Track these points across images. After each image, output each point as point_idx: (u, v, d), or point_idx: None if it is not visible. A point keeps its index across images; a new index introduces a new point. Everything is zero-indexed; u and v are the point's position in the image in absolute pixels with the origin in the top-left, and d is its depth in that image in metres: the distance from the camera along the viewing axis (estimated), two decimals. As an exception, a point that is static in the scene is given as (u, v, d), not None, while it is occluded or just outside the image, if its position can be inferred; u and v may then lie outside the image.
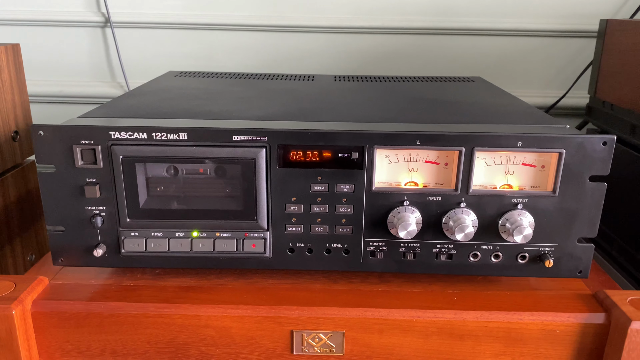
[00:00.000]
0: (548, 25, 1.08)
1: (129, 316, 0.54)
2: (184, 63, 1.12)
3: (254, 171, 0.53)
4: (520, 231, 0.52)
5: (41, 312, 0.53)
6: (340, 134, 0.52)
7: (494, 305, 0.54)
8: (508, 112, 0.64)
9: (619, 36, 0.86)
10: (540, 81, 1.13)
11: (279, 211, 0.55)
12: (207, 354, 0.55)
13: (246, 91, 0.74)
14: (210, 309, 0.53)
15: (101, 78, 1.14)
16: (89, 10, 1.09)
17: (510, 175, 0.53)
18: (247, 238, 0.55)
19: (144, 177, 0.54)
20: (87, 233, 0.55)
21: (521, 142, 0.51)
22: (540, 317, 0.53)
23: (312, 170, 0.53)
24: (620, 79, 0.85)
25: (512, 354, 0.54)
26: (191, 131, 0.52)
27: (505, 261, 0.55)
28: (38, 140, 0.52)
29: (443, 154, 0.53)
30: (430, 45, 1.10)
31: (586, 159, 0.52)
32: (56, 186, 0.54)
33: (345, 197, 0.54)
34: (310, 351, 0.54)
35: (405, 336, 0.53)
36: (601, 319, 0.52)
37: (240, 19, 1.09)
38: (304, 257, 0.56)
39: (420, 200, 0.54)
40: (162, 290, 0.56)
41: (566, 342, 0.53)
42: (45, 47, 1.12)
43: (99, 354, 0.55)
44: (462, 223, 0.53)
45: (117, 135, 0.52)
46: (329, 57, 1.12)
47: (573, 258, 0.55)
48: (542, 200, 0.53)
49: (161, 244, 0.55)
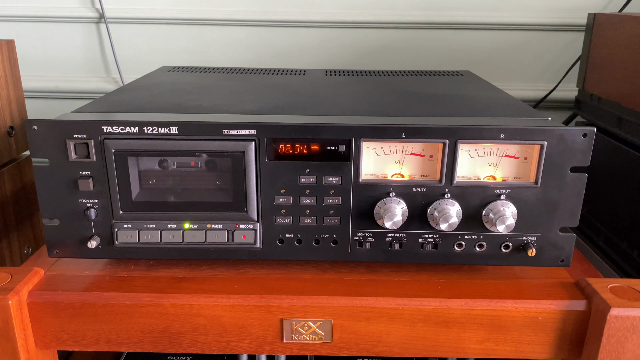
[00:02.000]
0: (538, 19, 1.09)
1: (123, 306, 0.55)
2: (178, 58, 1.13)
3: (244, 164, 0.54)
4: (503, 221, 0.53)
5: (37, 302, 0.54)
6: (328, 128, 0.53)
7: (478, 293, 0.55)
8: (493, 105, 0.65)
9: (606, 30, 0.87)
10: (530, 74, 1.14)
11: (269, 203, 0.56)
12: (199, 342, 0.56)
13: (237, 86, 0.75)
14: (202, 299, 0.55)
15: (96, 73, 1.15)
16: (83, 6, 1.10)
17: (494, 167, 0.54)
18: (238, 229, 0.57)
19: (136, 171, 0.55)
20: (81, 225, 0.56)
21: (504, 135, 0.53)
22: (523, 305, 0.54)
23: (300, 163, 0.54)
24: (607, 73, 0.86)
25: (496, 341, 0.55)
26: (182, 125, 0.53)
27: (489, 250, 0.57)
28: (32, 135, 0.53)
29: (428, 147, 0.54)
30: (421, 39, 1.11)
31: (567, 150, 0.53)
32: (50, 180, 0.54)
33: (333, 189, 0.55)
34: (299, 339, 0.56)
35: (392, 324, 0.55)
36: (582, 306, 0.54)
37: (233, 14, 1.10)
38: (293, 247, 0.57)
39: (406, 192, 0.55)
40: (155, 280, 0.57)
41: (548, 328, 0.54)
42: (40, 43, 1.13)
43: (93, 342, 0.56)
44: (447, 213, 0.54)
45: (109, 130, 0.53)
46: (321, 52, 1.12)
47: (555, 247, 0.56)
48: (525, 191, 0.54)
49: (154, 236, 0.56)
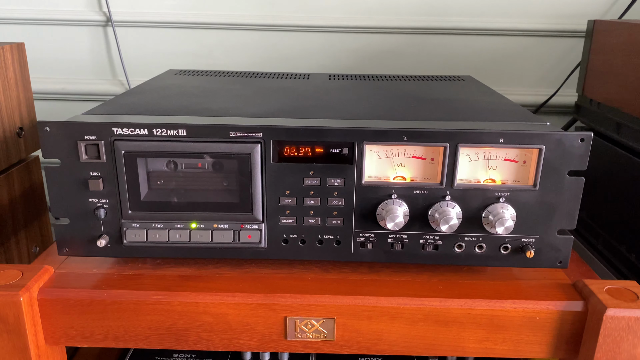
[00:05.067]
0: (539, 25, 1.10)
1: (131, 303, 0.56)
2: (183, 61, 1.15)
3: (250, 166, 0.55)
4: (502, 223, 0.55)
5: (47, 299, 0.55)
6: (332, 131, 0.54)
7: (477, 293, 0.56)
8: (493, 110, 0.66)
9: (605, 36, 0.88)
10: (531, 80, 1.15)
11: (274, 204, 0.57)
12: (205, 339, 0.57)
13: (243, 89, 0.76)
14: (208, 297, 0.56)
15: (102, 76, 1.17)
16: (91, 9, 1.11)
17: (493, 170, 0.56)
18: (243, 229, 0.58)
19: (145, 171, 0.56)
20: (91, 224, 0.57)
21: (503, 139, 0.54)
22: (521, 305, 0.55)
23: (305, 165, 0.56)
24: (606, 78, 0.87)
25: (495, 340, 0.56)
26: (190, 128, 0.54)
27: (488, 252, 0.58)
28: (44, 136, 0.54)
29: (429, 150, 0.55)
30: (424, 44, 1.12)
31: (565, 154, 0.54)
32: (61, 180, 0.56)
33: (336, 191, 0.56)
34: (302, 337, 0.57)
35: (393, 322, 0.56)
36: (579, 306, 0.55)
37: (238, 19, 1.11)
38: (297, 247, 0.59)
39: (407, 194, 0.56)
40: (162, 279, 0.58)
41: (546, 328, 0.55)
42: (48, 46, 1.14)
43: (102, 339, 0.57)
44: (447, 215, 0.55)
45: (119, 132, 0.54)
46: (325, 56, 1.14)
47: (553, 249, 0.57)
48: (523, 193, 0.56)
49: (161, 235, 0.58)
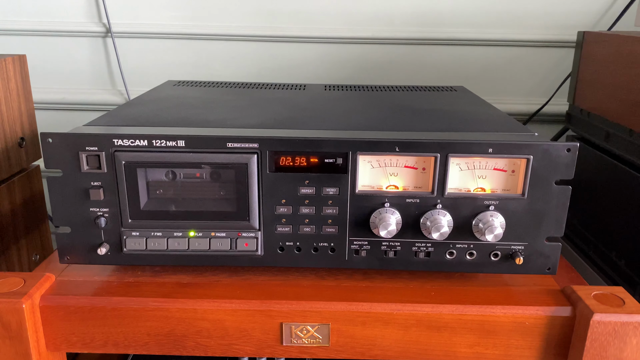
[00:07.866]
0: (531, 36, 1.12)
1: (130, 310, 0.57)
2: (182, 71, 1.16)
3: (247, 175, 0.57)
4: (491, 231, 0.56)
5: (49, 306, 0.57)
6: (326, 141, 0.56)
7: (468, 299, 0.58)
8: (483, 121, 0.67)
9: (595, 47, 0.90)
10: (523, 89, 1.17)
11: (270, 212, 0.58)
12: (202, 345, 0.58)
13: (240, 100, 0.78)
14: (205, 303, 0.57)
15: (102, 86, 1.18)
16: (91, 20, 1.13)
17: (483, 179, 0.57)
18: (240, 237, 0.59)
19: (144, 181, 0.58)
20: (92, 233, 0.59)
21: (492, 149, 0.55)
22: (511, 311, 0.56)
23: (300, 175, 0.57)
24: (595, 88, 0.89)
25: (486, 345, 0.57)
26: (188, 139, 0.56)
27: (479, 259, 0.59)
28: (47, 147, 0.56)
29: (420, 160, 0.57)
30: (418, 55, 1.14)
31: (552, 164, 0.56)
32: (63, 189, 0.57)
33: (331, 200, 0.58)
34: (298, 342, 0.58)
35: (387, 328, 0.57)
36: (567, 312, 0.56)
37: (236, 30, 1.13)
38: (293, 255, 0.60)
39: (399, 202, 0.58)
40: (161, 286, 0.60)
41: (535, 333, 0.57)
42: (49, 56, 1.16)
43: (102, 345, 0.58)
44: (439, 223, 0.57)
45: (120, 143, 0.56)
46: (321, 66, 1.16)
47: (542, 256, 0.59)
48: (512, 202, 0.57)
49: (160, 243, 0.59)
